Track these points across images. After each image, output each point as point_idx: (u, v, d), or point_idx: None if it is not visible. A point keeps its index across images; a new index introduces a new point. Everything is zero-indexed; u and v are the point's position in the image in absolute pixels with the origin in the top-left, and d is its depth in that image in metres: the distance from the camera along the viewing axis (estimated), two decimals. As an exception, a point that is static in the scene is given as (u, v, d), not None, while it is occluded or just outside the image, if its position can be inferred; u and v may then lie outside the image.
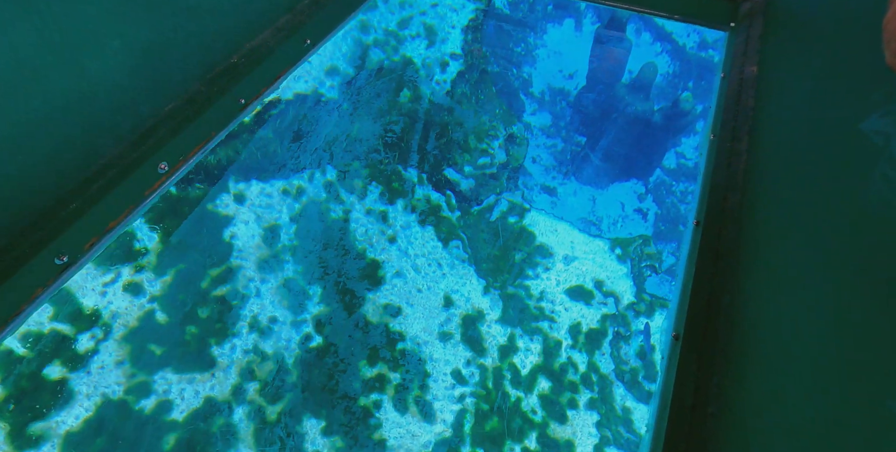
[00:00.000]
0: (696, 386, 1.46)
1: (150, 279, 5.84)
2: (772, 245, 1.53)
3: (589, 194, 8.36)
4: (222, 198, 6.41)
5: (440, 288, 6.81)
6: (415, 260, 6.88)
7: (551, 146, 8.68)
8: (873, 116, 1.30)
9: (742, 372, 1.37)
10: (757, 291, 1.48)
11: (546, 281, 7.20)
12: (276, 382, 5.89)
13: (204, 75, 1.81)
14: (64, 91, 1.36)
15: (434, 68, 7.89)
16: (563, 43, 9.32)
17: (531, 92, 9.00)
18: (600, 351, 6.95)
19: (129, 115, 1.58)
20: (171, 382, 5.59)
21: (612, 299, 7.21)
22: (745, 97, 2.14)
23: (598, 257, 7.45)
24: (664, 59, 9.49)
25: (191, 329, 5.81)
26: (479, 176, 7.60)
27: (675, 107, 7.67)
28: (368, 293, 6.59)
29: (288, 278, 6.37)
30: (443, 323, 6.64)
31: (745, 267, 1.60)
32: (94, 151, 1.51)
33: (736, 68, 2.30)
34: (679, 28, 9.48)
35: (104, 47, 1.41)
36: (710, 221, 1.85)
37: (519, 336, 6.80)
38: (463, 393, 6.33)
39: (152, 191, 1.63)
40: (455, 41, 8.13)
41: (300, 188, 6.83)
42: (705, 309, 1.62)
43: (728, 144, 2.04)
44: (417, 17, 8.08)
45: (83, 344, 5.43)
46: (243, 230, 6.38)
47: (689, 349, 1.55)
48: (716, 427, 1.35)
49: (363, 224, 6.91)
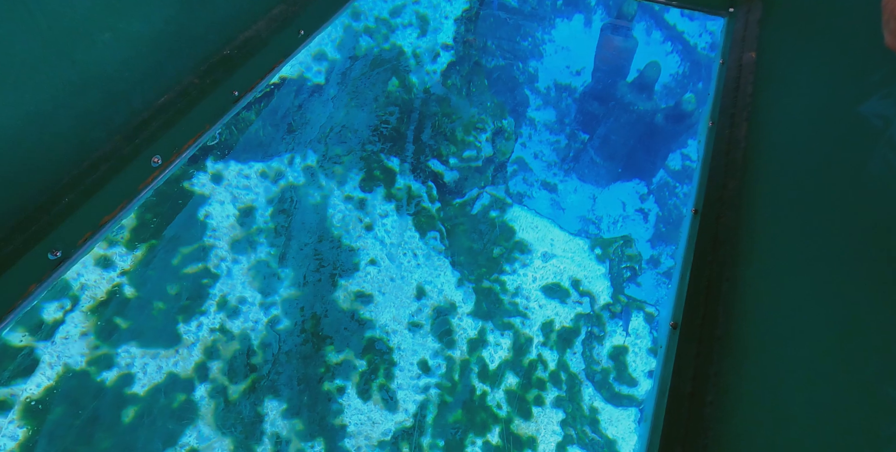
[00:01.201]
0: (695, 375, 1.47)
1: (122, 253, 5.89)
2: (771, 232, 1.52)
3: (589, 192, 8.35)
4: (199, 176, 6.43)
5: (413, 278, 6.81)
6: (390, 249, 6.88)
7: (554, 142, 8.66)
8: (873, 99, 1.29)
9: (740, 360, 1.37)
10: (756, 278, 1.48)
11: (522, 277, 7.18)
12: (240, 362, 5.94)
13: (197, 67, 1.80)
14: (55, 85, 1.36)
15: (424, 58, 7.85)
16: (571, 38, 9.26)
17: (537, 87, 8.97)
18: (571, 350, 6.94)
19: (122, 109, 1.58)
20: (135, 356, 5.65)
21: (588, 298, 7.18)
22: (743, 83, 2.14)
23: (577, 256, 7.41)
24: (674, 59, 9.44)
25: (158, 305, 5.86)
26: (463, 168, 7.56)
27: (677, 108, 7.56)
28: (341, 279, 6.61)
29: (260, 259, 6.39)
30: (413, 314, 6.65)
31: (743, 255, 1.61)
32: (86, 145, 1.51)
33: (735, 54, 2.30)
34: (691, 28, 9.38)
35: (95, 40, 1.41)
36: (708, 209, 1.85)
37: (490, 330, 6.80)
38: (428, 384, 6.35)
39: (146, 185, 1.65)
40: (448, 32, 8.08)
41: (279, 171, 6.83)
42: (704, 297, 1.62)
43: (727, 131, 2.04)
44: (410, 5, 8.03)
45: (50, 314, 5.50)
46: (218, 210, 6.39)
47: (687, 337, 1.56)
48: (714, 415, 1.36)
49: (341, 210, 6.91)
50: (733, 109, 2.08)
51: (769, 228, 1.53)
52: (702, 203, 1.89)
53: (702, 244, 1.74)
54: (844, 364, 1.01)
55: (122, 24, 1.47)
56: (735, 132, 1.99)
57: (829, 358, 1.06)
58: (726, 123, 2.06)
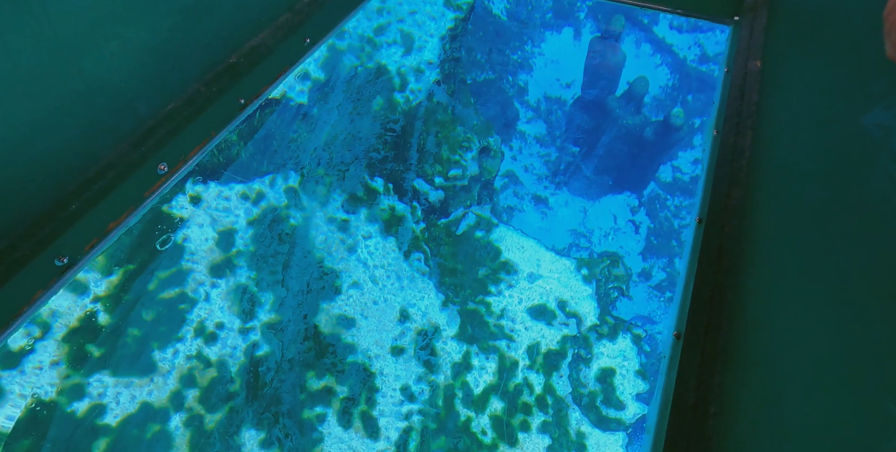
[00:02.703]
0: (698, 385, 1.47)
1: (96, 279, 5.79)
2: (775, 241, 1.53)
3: (580, 205, 8.42)
4: (178, 199, 6.39)
5: (397, 301, 6.78)
6: (373, 271, 6.85)
7: (545, 155, 8.74)
8: (875, 109, 1.30)
9: (742, 371, 1.37)
10: (760, 288, 1.49)
11: (508, 299, 7.17)
12: (218, 390, 5.81)
13: (203, 75, 1.83)
14: (63, 93, 1.38)
15: (409, 76, 7.93)
16: (561, 51, 9.41)
17: (527, 100, 9.06)
18: (558, 373, 6.91)
19: (129, 116, 1.60)
20: (107, 385, 5.50)
21: (575, 320, 7.19)
22: (748, 92, 2.16)
23: (563, 276, 7.43)
24: (663, 71, 9.61)
25: (133, 331, 5.74)
26: (449, 188, 7.60)
27: (666, 122, 7.70)
28: (322, 302, 6.55)
29: (239, 283, 6.32)
30: (396, 338, 6.59)
31: (747, 264, 1.61)
32: (93, 153, 1.54)
33: (739, 62, 2.32)
34: (680, 40, 9.57)
35: (102, 49, 1.43)
36: (712, 218, 1.87)
37: (475, 354, 6.76)
38: (411, 411, 6.25)
39: (152, 192, 1.66)
40: (433, 50, 8.18)
41: (260, 193, 6.81)
42: (707, 306, 1.63)
43: (731, 140, 2.06)
44: (395, 24, 8.11)
45: (18, 342, 5.35)
46: (197, 233, 6.34)
47: (690, 347, 1.56)
48: (718, 426, 1.36)
49: (323, 232, 6.89)
50: (738, 118, 2.11)
51: (773, 238, 1.55)
52: (706, 212, 1.91)
53: (706, 253, 1.76)
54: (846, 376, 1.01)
55: (128, 32, 1.49)
56: (740, 141, 2.03)
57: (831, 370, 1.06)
58: (731, 132, 2.09)
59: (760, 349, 1.34)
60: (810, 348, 1.15)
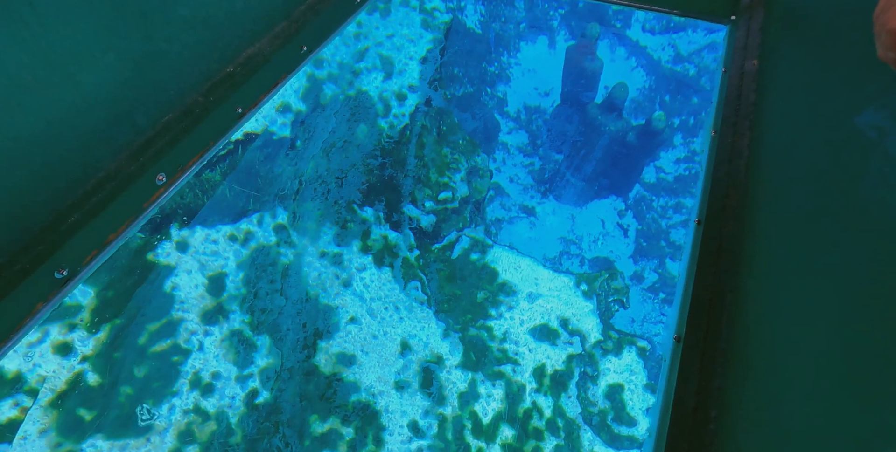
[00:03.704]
0: (698, 389, 1.46)
1: (83, 337, 5.59)
2: (774, 242, 1.53)
3: (568, 213, 8.43)
4: (164, 246, 6.29)
5: (397, 333, 6.68)
6: (371, 304, 6.77)
7: (529, 165, 8.75)
8: (868, 110, 1.31)
9: (742, 374, 1.37)
10: (759, 290, 1.49)
11: (509, 321, 7.13)
12: (218, 444, 5.57)
13: (200, 85, 1.84)
14: (59, 106, 1.39)
15: (392, 101, 7.97)
16: (537, 60, 9.51)
17: (506, 111, 9.11)
18: (566, 394, 6.82)
19: (126, 128, 1.60)
20: (101, 450, 5.24)
21: (578, 338, 7.16)
22: (746, 91, 2.17)
23: (563, 294, 7.44)
24: (640, 74, 9.74)
25: (125, 390, 5.52)
26: (440, 211, 7.62)
27: (648, 126, 7.89)
28: (320, 341, 6.42)
29: (234, 329, 6.17)
30: (399, 372, 6.46)
31: (747, 266, 1.61)
32: (91, 165, 1.54)
33: (737, 62, 2.33)
34: (653, 42, 9.69)
35: (98, 61, 1.44)
36: (711, 219, 1.87)
37: (480, 381, 6.65)
38: (420, 447, 6.07)
39: (150, 203, 1.67)
40: (413, 73, 8.24)
41: (248, 232, 6.75)
42: (707, 309, 1.63)
43: (730, 140, 2.06)
44: (373, 48, 8.17)
45: (5, 413, 5.09)
46: (186, 280, 6.22)
47: (690, 350, 1.55)
48: (718, 430, 1.35)
49: (316, 268, 6.82)
50: (735, 118, 2.11)
51: (771, 238, 1.55)
52: (705, 213, 1.91)
53: (705, 255, 1.76)
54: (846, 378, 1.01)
55: (124, 44, 1.50)
56: (738, 141, 2.03)
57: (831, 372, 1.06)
58: (729, 132, 2.09)
59: (760, 351, 1.34)
60: (810, 350, 1.15)
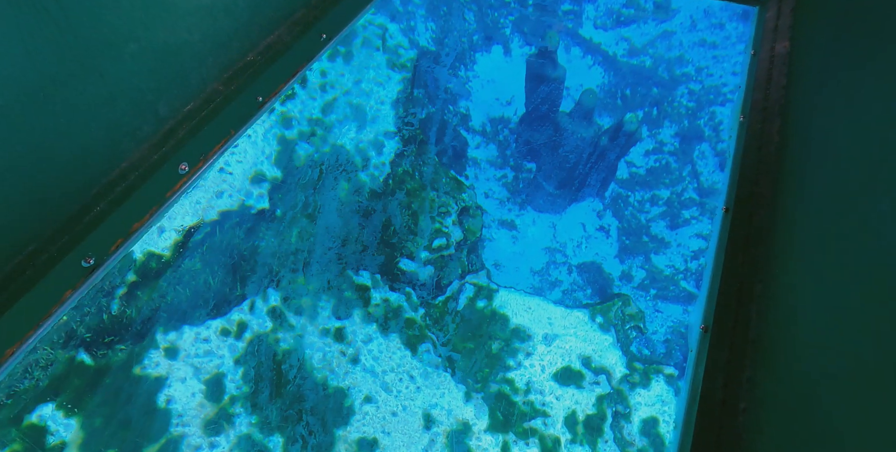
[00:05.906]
0: (726, 381, 1.43)
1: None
2: (807, 231, 1.49)
3: (548, 221, 8.23)
4: (150, 356, 5.75)
5: (417, 406, 6.24)
6: (383, 377, 6.32)
7: (501, 177, 8.50)
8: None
9: (775, 366, 1.34)
10: (791, 280, 1.45)
11: (530, 369, 6.74)
12: None
13: (221, 74, 1.87)
14: (85, 97, 1.42)
15: (369, 152, 7.60)
16: (494, 70, 9.29)
17: (471, 126, 8.85)
18: (602, 439, 6.40)
19: (149, 118, 1.64)
20: None
21: (605, 376, 6.79)
22: (776, 75, 2.12)
23: (579, 330, 7.12)
24: (597, 71, 9.63)
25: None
26: (436, 260, 7.35)
27: (620, 128, 7.90)
28: (337, 430, 5.93)
29: (242, 434, 5.67)
30: (426, 448, 6.01)
31: (777, 255, 1.57)
32: (115, 155, 1.58)
33: (766, 45, 2.29)
34: (606, 38, 9.56)
35: (121, 52, 1.48)
36: (739, 207, 1.83)
37: (513, 442, 6.29)
38: (466, 525, 5.53)
39: (174, 192, 1.71)
40: (387, 117, 7.90)
41: (241, 323, 6.21)
42: (735, 299, 1.59)
43: (759, 126, 2.02)
44: (342, 97, 7.75)
45: None
46: (181, 390, 5.68)
47: (718, 341, 1.52)
48: (747, 424, 1.31)
49: (319, 348, 6.32)
50: (765, 103, 2.07)
51: (805, 227, 1.50)
52: (733, 201, 1.87)
53: (733, 244, 1.73)
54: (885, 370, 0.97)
55: (147, 34, 1.53)
56: (767, 127, 1.99)
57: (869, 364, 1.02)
58: (758, 118, 2.06)
59: (793, 343, 1.31)
60: (846, 342, 1.12)
